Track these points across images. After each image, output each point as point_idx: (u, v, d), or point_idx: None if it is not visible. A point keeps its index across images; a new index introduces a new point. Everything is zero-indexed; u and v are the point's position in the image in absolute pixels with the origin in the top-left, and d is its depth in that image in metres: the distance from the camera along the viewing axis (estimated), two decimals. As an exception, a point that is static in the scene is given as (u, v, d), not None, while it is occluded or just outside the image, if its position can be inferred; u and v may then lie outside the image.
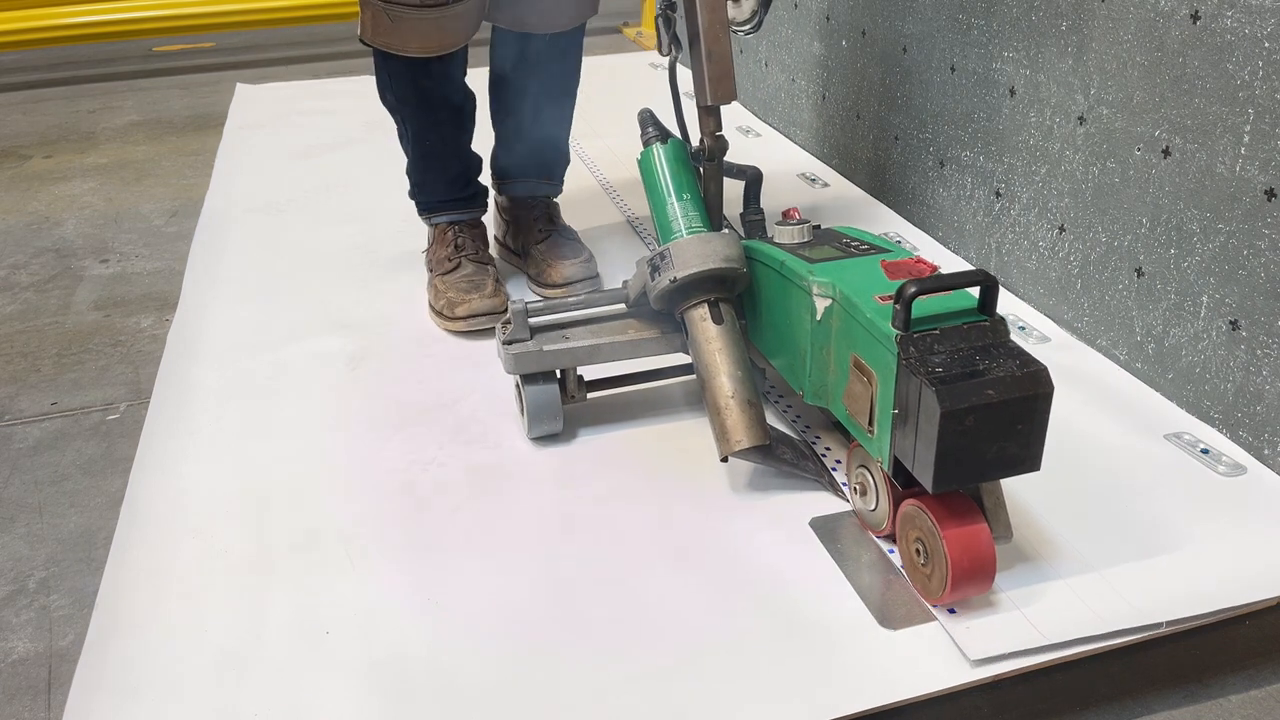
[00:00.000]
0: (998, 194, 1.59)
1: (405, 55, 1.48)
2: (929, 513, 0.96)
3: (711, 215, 1.30)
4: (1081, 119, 1.39)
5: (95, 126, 2.89)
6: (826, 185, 2.06)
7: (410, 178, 1.69)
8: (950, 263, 1.70)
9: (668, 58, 1.37)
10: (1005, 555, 1.03)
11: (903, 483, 1.00)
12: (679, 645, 0.96)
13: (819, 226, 1.24)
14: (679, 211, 1.26)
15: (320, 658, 0.96)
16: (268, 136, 2.58)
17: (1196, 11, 1.18)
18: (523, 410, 1.29)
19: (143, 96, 3.20)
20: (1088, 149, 1.38)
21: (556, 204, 1.77)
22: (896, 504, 1.03)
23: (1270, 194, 1.12)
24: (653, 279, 1.23)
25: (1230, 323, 1.19)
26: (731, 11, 1.38)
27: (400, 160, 1.68)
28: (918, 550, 0.99)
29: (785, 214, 1.24)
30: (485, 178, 1.73)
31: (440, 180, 1.67)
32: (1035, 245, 1.52)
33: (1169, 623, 0.94)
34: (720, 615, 0.99)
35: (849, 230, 1.24)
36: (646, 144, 1.32)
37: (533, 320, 1.28)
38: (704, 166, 1.30)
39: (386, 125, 1.67)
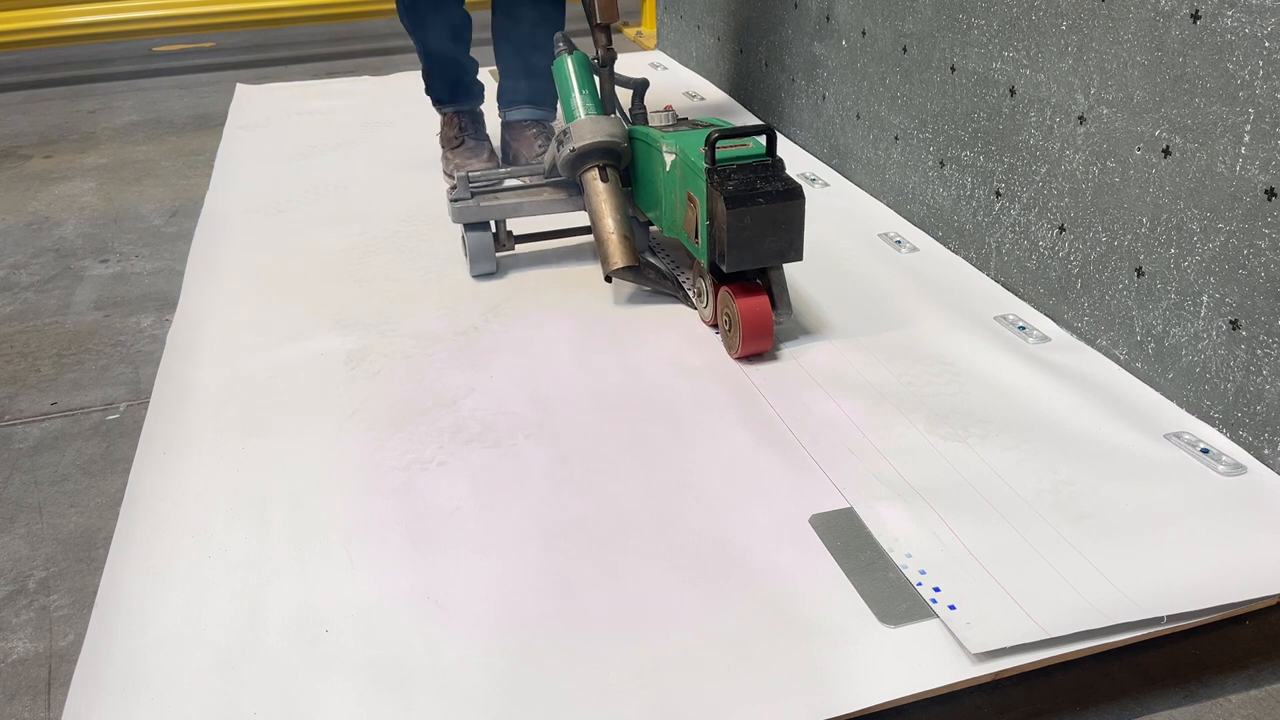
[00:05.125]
0: (998, 194, 1.59)
1: None
2: (732, 293, 1.41)
3: (605, 106, 1.70)
4: (1081, 119, 1.39)
5: (95, 126, 2.89)
6: (827, 185, 2.06)
7: (424, 79, 2.21)
8: (949, 261, 1.70)
9: None
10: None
11: (718, 278, 1.46)
12: (678, 644, 0.96)
13: (686, 119, 1.63)
14: (579, 101, 1.66)
15: (319, 657, 0.96)
16: (268, 136, 2.58)
17: (1196, 11, 1.18)
18: (466, 254, 1.72)
19: (143, 96, 3.20)
20: (1088, 149, 1.38)
21: (551, 126, 2.21)
22: (715, 293, 1.47)
23: (1270, 194, 1.12)
24: (559, 150, 1.62)
25: (1230, 322, 1.19)
26: None
27: (401, 156, 1.91)
28: (725, 320, 1.45)
29: (665, 108, 1.62)
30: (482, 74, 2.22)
31: (445, 79, 2.18)
32: (1035, 245, 1.52)
33: (1170, 617, 0.94)
34: (719, 613, 0.99)
35: (711, 119, 1.64)
36: (558, 55, 1.70)
37: (473, 185, 1.70)
38: (599, 73, 1.70)
39: (386, 125, 1.69)
